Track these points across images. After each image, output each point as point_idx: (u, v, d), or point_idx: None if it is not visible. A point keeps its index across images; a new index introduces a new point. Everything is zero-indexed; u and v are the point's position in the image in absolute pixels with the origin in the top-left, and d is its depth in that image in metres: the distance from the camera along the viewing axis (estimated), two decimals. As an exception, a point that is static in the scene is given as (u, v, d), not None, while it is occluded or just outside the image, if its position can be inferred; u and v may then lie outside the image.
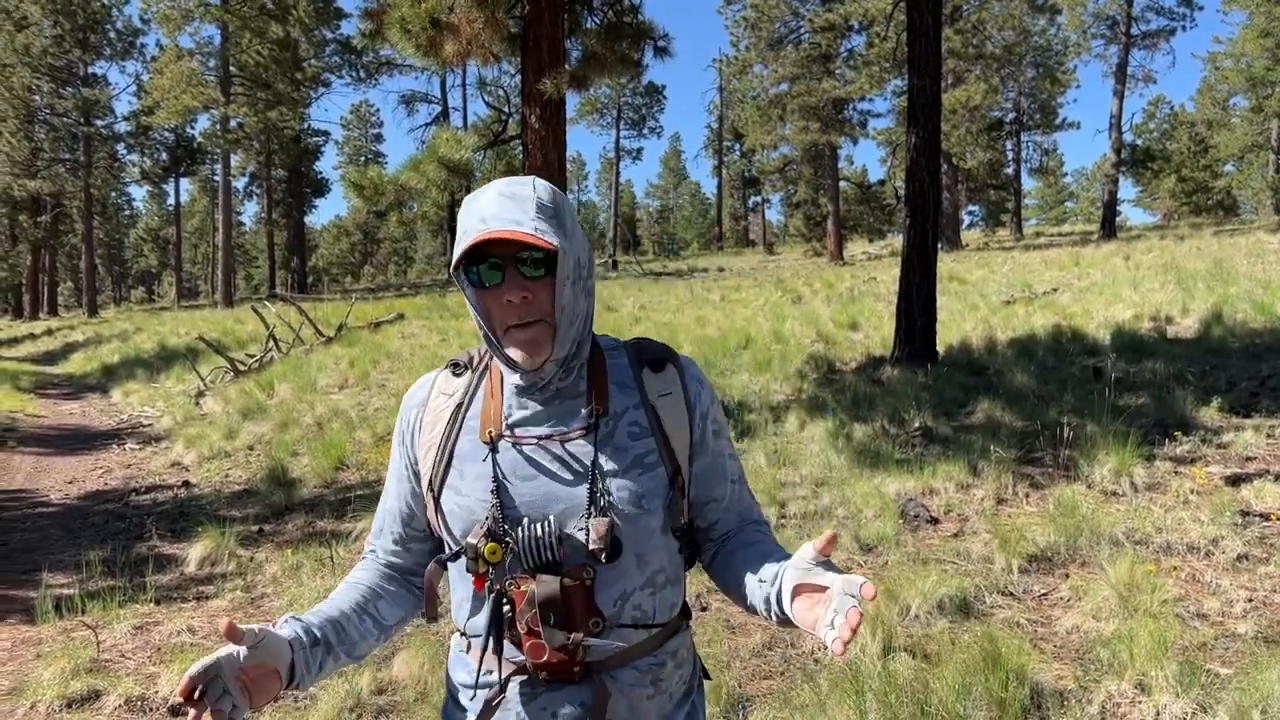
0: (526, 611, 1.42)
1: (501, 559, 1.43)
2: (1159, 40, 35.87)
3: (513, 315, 1.44)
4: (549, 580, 1.42)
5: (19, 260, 51.17)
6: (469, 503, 1.49)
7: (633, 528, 1.47)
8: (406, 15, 8.67)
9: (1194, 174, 52.46)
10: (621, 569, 1.47)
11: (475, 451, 1.52)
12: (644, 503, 1.49)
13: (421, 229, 72.75)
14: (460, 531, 1.50)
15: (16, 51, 40.82)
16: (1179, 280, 14.80)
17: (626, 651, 1.49)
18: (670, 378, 1.58)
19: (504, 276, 1.44)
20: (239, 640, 1.33)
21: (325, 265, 76.18)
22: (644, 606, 1.51)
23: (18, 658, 4.86)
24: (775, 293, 21.13)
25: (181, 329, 24.90)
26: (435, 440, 1.56)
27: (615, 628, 1.47)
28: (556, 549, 1.42)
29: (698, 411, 1.59)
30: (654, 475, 1.51)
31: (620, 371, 1.58)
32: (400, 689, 4.16)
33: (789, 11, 37.01)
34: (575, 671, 1.45)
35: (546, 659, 1.42)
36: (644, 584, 1.50)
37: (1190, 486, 5.87)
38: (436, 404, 1.59)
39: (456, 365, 1.62)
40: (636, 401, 1.55)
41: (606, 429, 1.51)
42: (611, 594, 1.47)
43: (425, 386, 1.63)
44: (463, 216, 1.49)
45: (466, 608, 1.54)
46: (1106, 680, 3.76)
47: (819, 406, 8.78)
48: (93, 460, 10.39)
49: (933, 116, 10.37)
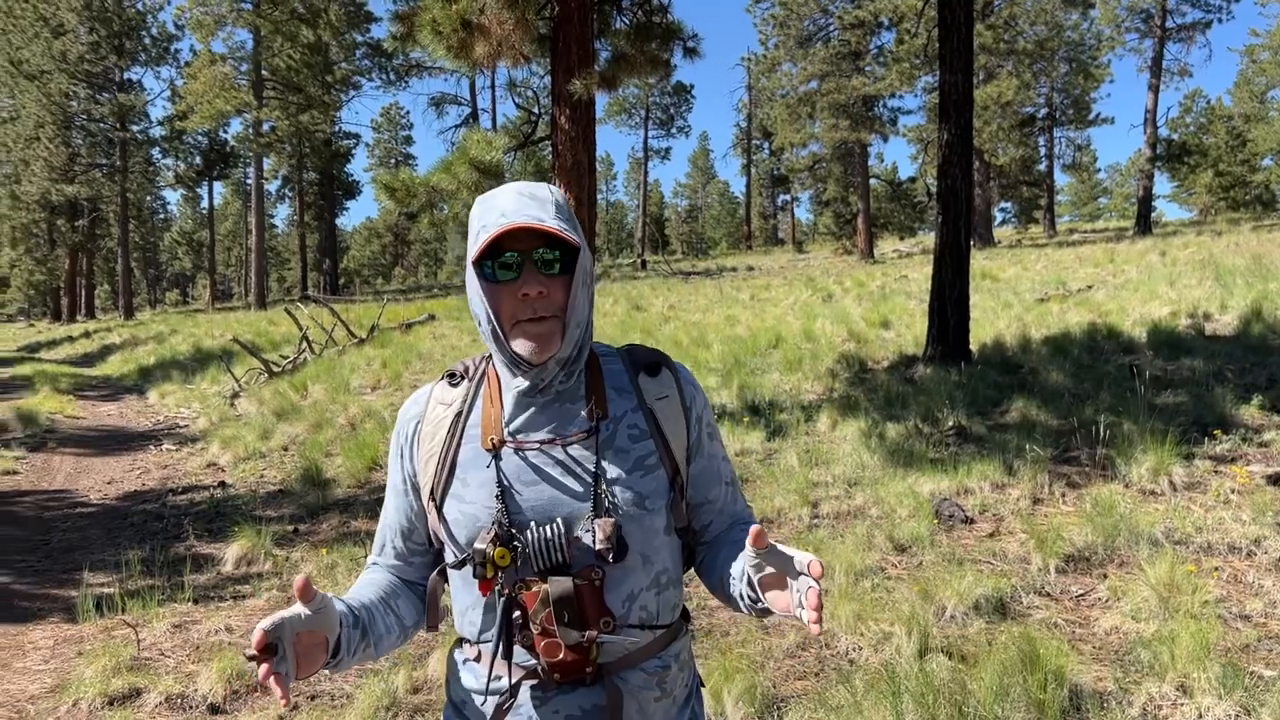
0: (540, 611, 1.43)
1: (510, 563, 1.45)
2: (1195, 33, 35.36)
3: (527, 310, 1.46)
4: (562, 579, 1.44)
5: (57, 264, 51.90)
6: (473, 510, 1.50)
7: (637, 528, 1.50)
8: (438, 17, 8.71)
9: (1231, 168, 51.73)
10: (628, 569, 1.50)
11: (478, 459, 1.53)
12: (647, 503, 1.51)
13: (451, 230, 73.06)
14: (465, 539, 1.51)
15: (54, 58, 41.41)
16: (1217, 276, 14.58)
17: (634, 653, 1.51)
18: (666, 381, 1.62)
19: (520, 271, 1.47)
20: (309, 599, 1.32)
21: (356, 267, 76.74)
22: (650, 607, 1.53)
23: (60, 655, 4.94)
24: (805, 291, 21.04)
25: (216, 331, 25.18)
26: (435, 450, 1.57)
27: (624, 628, 1.49)
28: (566, 550, 1.44)
29: (694, 414, 1.63)
30: (655, 476, 1.54)
31: (616, 376, 1.60)
32: (435, 688, 4.18)
33: (818, 9, 36.82)
34: (587, 673, 1.47)
35: (561, 658, 1.44)
36: (650, 584, 1.53)
37: (1231, 486, 5.79)
38: (435, 414, 1.60)
39: (453, 375, 1.64)
40: (634, 405, 1.57)
41: (607, 432, 1.53)
42: (620, 594, 1.49)
43: (421, 399, 1.65)
44: (479, 214, 1.51)
45: (474, 614, 1.55)
46: (1147, 682, 3.72)
47: (851, 405, 8.74)
48: (130, 461, 10.53)
49: (964, 113, 10.29)
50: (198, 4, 36.67)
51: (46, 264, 52.36)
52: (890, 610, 4.46)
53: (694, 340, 13.70)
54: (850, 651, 4.30)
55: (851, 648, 4.32)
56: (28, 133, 43.80)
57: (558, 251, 1.48)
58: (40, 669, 4.77)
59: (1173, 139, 43.35)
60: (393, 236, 76.05)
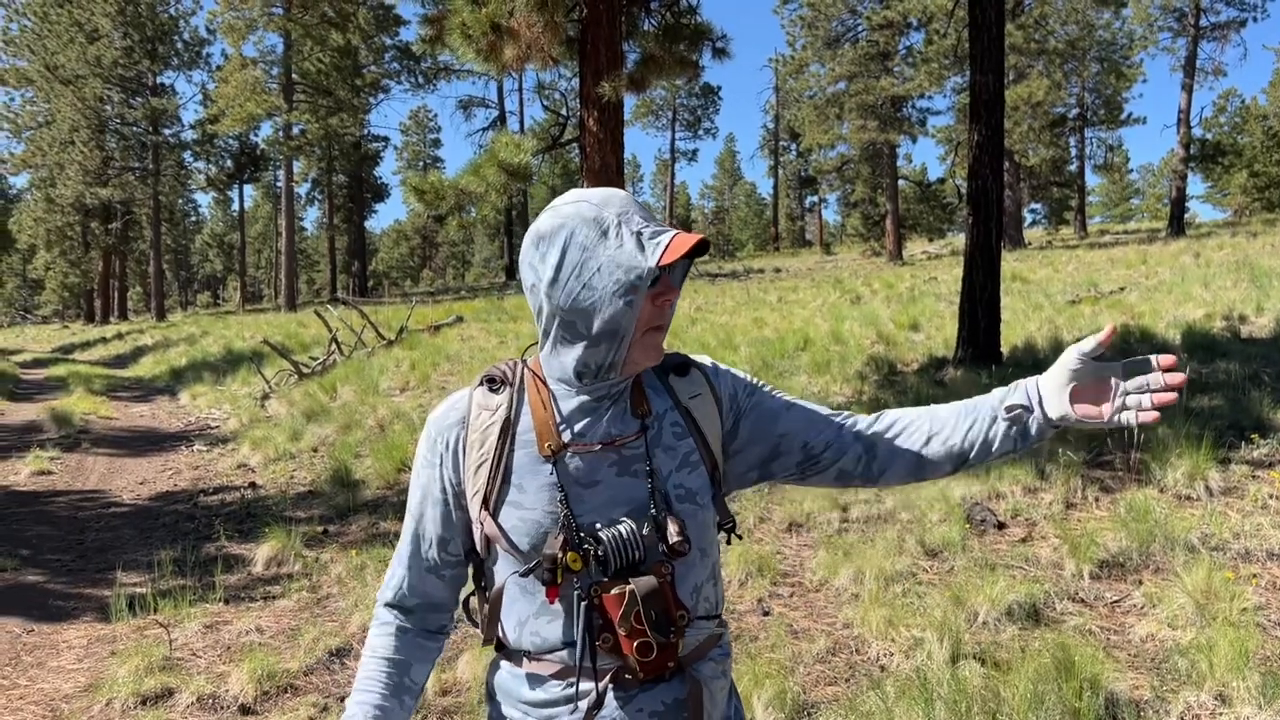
0: (630, 611, 1.43)
1: (583, 567, 1.44)
2: (1229, 32, 34.91)
3: (659, 318, 1.50)
4: (646, 578, 1.44)
5: (91, 266, 52.58)
6: (535, 515, 1.49)
7: (694, 523, 1.52)
8: (467, 20, 8.74)
9: (1267, 169, 50.97)
10: (691, 562, 1.52)
11: (534, 465, 1.51)
12: (698, 499, 1.54)
13: (480, 233, 73.48)
14: (529, 545, 1.48)
15: (89, 63, 41.98)
16: (1252, 278, 14.37)
17: (704, 644, 1.54)
18: (696, 379, 1.63)
19: (658, 280, 1.48)
20: None
21: (385, 269, 77.24)
22: (711, 597, 1.57)
23: (93, 655, 4.98)
24: (833, 293, 20.95)
25: (246, 332, 25.40)
26: (487, 456, 1.53)
27: (695, 620, 1.52)
28: (642, 548, 1.45)
29: (725, 403, 1.64)
30: (699, 473, 1.56)
31: (649, 377, 1.62)
32: (464, 690, 4.18)
33: (846, 9, 36.69)
34: (669, 668, 1.48)
35: (654, 657, 1.44)
36: (709, 575, 1.57)
37: (1269, 491, 5.69)
38: (480, 420, 1.56)
39: (493, 381, 1.60)
40: (670, 405, 1.59)
41: (654, 429, 1.55)
42: (687, 587, 1.51)
43: (461, 405, 1.60)
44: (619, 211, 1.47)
45: (538, 624, 1.52)
46: (1185, 691, 3.66)
47: (880, 408, 8.67)
48: (162, 461, 10.64)
49: (995, 113, 10.20)
50: (229, 9, 37.04)
51: (80, 266, 53.08)
52: (922, 616, 4.42)
53: (721, 342, 13.66)
54: (881, 657, 4.26)
55: (883, 653, 4.28)
56: (63, 137, 44.42)
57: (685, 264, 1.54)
58: (74, 668, 4.82)
59: (1207, 139, 42.79)
60: (421, 239, 76.52)
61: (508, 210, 47.87)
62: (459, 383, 12.60)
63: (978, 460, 1.59)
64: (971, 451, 1.58)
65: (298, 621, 5.26)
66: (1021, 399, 1.55)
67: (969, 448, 1.58)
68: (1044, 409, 1.53)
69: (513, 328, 18.20)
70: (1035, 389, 1.54)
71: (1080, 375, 1.50)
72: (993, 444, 1.56)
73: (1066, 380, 1.50)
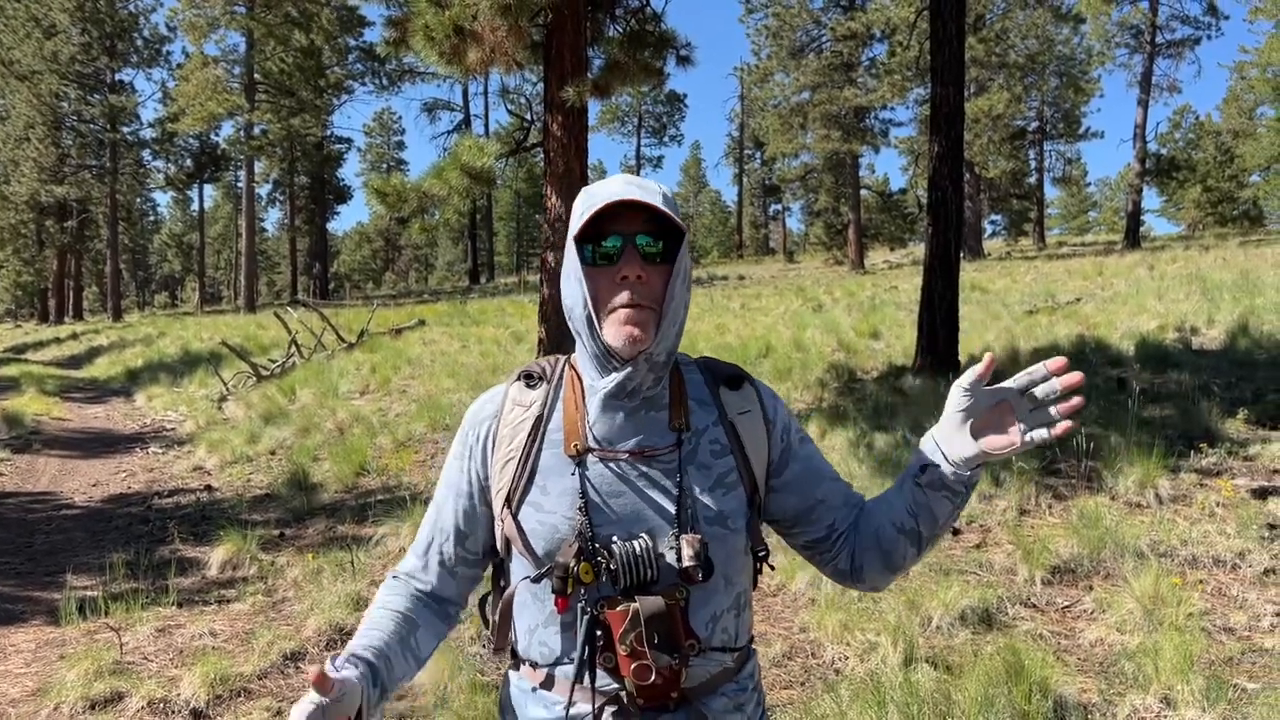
0: (630, 631, 1.35)
1: (594, 579, 1.38)
2: (1184, 49, 35.54)
3: (624, 295, 1.40)
4: (653, 598, 1.36)
5: (45, 265, 51.64)
6: (554, 520, 1.43)
7: (720, 547, 1.43)
8: (430, 23, 8.71)
9: (1219, 184, 52.06)
10: (711, 589, 1.44)
11: (560, 466, 1.46)
12: (730, 522, 1.46)
13: (443, 236, 73.07)
14: (544, 550, 1.43)
15: (45, 58, 41.31)
16: (1204, 291, 14.66)
17: (716, 677, 1.46)
18: (748, 395, 1.56)
19: (621, 256, 1.41)
20: (327, 690, 1.24)
21: (347, 271, 76.59)
22: (730, 629, 1.48)
23: (42, 659, 4.90)
24: (796, 301, 21.08)
25: (204, 334, 25.09)
26: (515, 453, 1.49)
27: (708, 650, 1.43)
28: (656, 567, 1.38)
29: (778, 427, 1.56)
30: (735, 495, 1.48)
31: (697, 388, 1.54)
32: (420, 695, 4.16)
33: (811, 20, 37.01)
34: (672, 698, 1.40)
35: (652, 681, 1.36)
36: (731, 605, 1.48)
37: (1216, 499, 5.81)
38: (512, 416, 1.51)
39: (530, 376, 1.54)
40: (715, 419, 1.51)
41: (690, 445, 1.47)
42: (703, 616, 1.43)
43: (496, 399, 1.56)
44: (586, 196, 1.47)
45: (546, 634, 1.47)
46: (1131, 694, 3.73)
47: (840, 415, 8.75)
48: (116, 463, 10.48)
49: (955, 125, 10.34)
50: (191, 6, 36.67)
51: (34, 265, 52.10)
52: (877, 620, 4.46)
53: (684, 348, 13.65)
54: (836, 661, 4.30)
55: (837, 657, 4.32)
56: (17, 133, 43.73)
57: (660, 243, 1.43)
58: (21, 672, 4.74)
59: (1162, 154, 43.55)
60: (384, 241, 75.94)
61: (471, 214, 47.64)
62: (420, 386, 12.52)
63: (930, 531, 1.49)
64: (921, 525, 1.48)
65: (252, 625, 5.21)
66: (927, 457, 1.46)
67: (917, 522, 1.48)
68: (947, 457, 1.43)
69: (475, 331, 18.13)
70: (933, 441, 1.46)
71: (974, 410, 1.41)
72: (933, 509, 1.46)
73: (961, 420, 1.42)
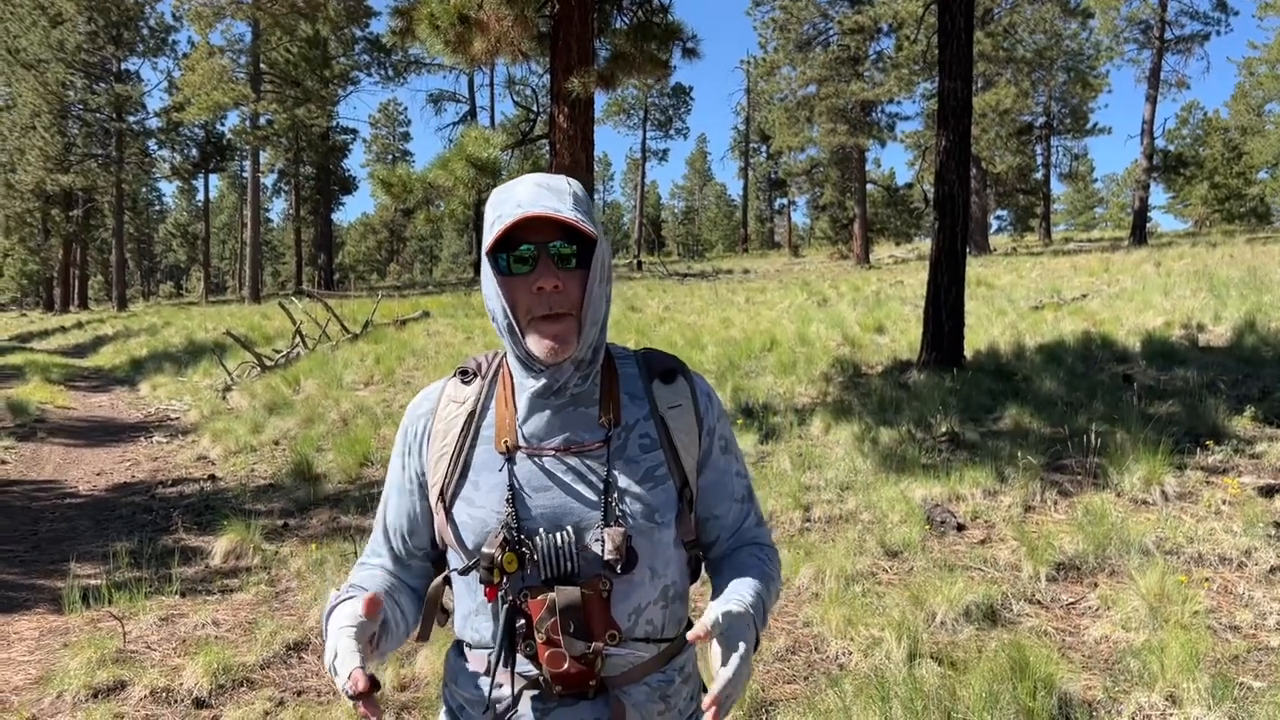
0: (546, 620, 1.40)
1: (518, 569, 1.42)
2: (1193, 45, 35.42)
3: (542, 305, 1.41)
4: (569, 588, 1.41)
5: (51, 254, 51.70)
6: (483, 514, 1.47)
7: (646, 541, 1.46)
8: (435, 12, 8.69)
9: (1227, 181, 51.87)
10: (636, 582, 1.47)
11: (491, 462, 1.49)
12: (657, 516, 1.48)
13: (448, 227, 73.03)
14: (473, 543, 1.47)
15: (51, 48, 41.27)
16: (1211, 288, 14.61)
17: (638, 667, 1.48)
18: (680, 389, 1.57)
19: (536, 264, 1.41)
20: (375, 614, 1.35)
21: (352, 262, 76.65)
22: (656, 621, 1.50)
23: (45, 647, 4.90)
24: (800, 295, 21.04)
25: (209, 324, 25.10)
26: (448, 449, 1.52)
27: (630, 641, 1.46)
28: (576, 559, 1.42)
29: (706, 425, 1.58)
30: (665, 488, 1.50)
31: (630, 381, 1.56)
32: (423, 685, 4.16)
33: (818, 13, 36.89)
34: (590, 686, 1.44)
35: (565, 669, 1.40)
36: (657, 598, 1.50)
37: (1222, 497, 5.79)
38: (447, 412, 1.55)
39: (465, 373, 1.58)
40: (646, 413, 1.53)
41: (619, 441, 1.50)
42: (626, 607, 1.46)
43: (433, 395, 1.59)
44: (495, 204, 1.46)
45: (478, 620, 1.51)
46: (1136, 692, 3.71)
47: (844, 410, 8.73)
48: (120, 452, 10.49)
49: (963, 119, 10.30)
50: (197, -4, 36.58)
51: (40, 254, 52.17)
52: (880, 615, 4.45)
53: (689, 341, 13.68)
54: (840, 656, 4.29)
55: (841, 652, 4.31)
56: (23, 121, 43.65)
57: (574, 246, 1.42)
58: (25, 660, 4.74)
59: (1169, 150, 43.46)
60: (389, 233, 75.96)
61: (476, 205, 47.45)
62: (424, 378, 12.52)
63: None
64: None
65: (255, 615, 5.20)
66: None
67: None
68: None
69: (480, 323, 18.11)
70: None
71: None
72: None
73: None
